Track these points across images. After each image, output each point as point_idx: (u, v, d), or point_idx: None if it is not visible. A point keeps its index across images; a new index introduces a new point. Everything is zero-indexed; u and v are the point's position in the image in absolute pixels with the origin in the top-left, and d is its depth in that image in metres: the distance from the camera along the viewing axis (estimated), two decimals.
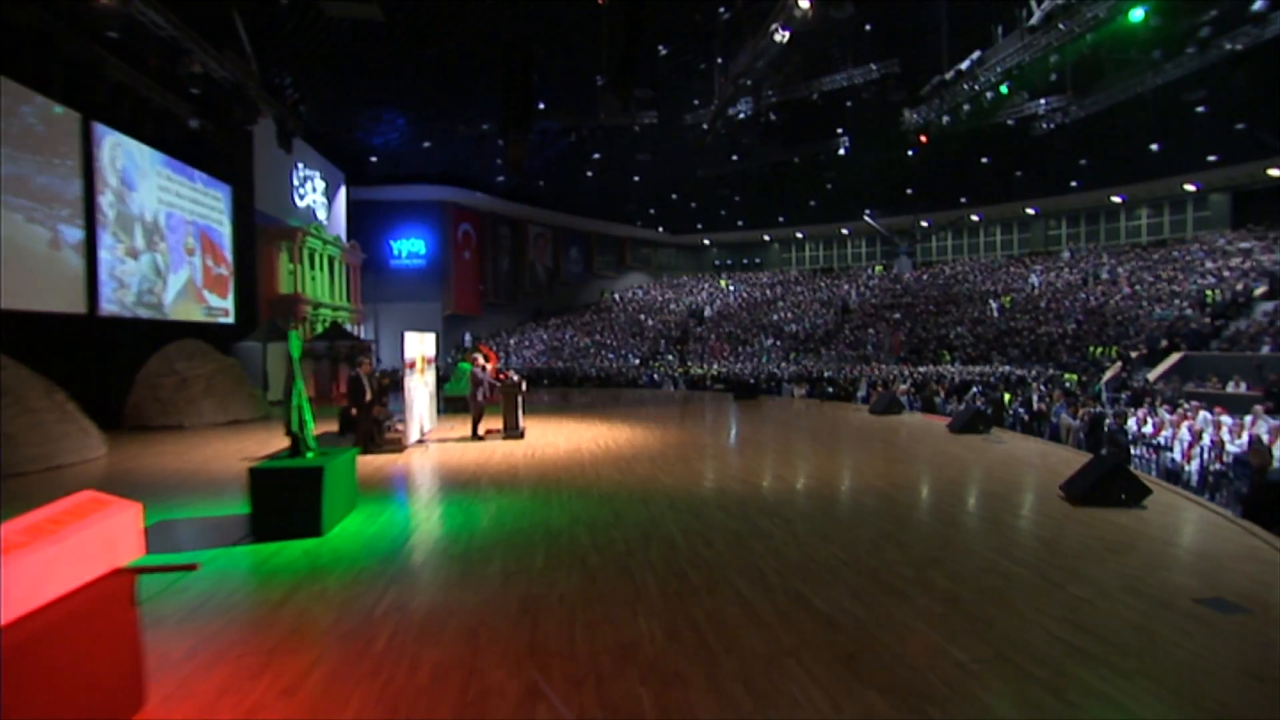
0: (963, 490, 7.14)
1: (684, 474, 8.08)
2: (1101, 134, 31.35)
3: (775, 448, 10.24)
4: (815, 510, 6.31)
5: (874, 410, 14.01)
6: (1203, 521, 5.83)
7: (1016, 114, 25.94)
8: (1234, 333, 22.16)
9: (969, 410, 11.37)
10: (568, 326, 44.14)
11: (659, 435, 11.54)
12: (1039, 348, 26.21)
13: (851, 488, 7.19)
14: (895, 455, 9.45)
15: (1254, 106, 27.84)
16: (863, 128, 30.31)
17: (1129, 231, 38.31)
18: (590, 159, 36.71)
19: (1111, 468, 6.18)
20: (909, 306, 36.30)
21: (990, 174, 37.23)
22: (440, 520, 6.23)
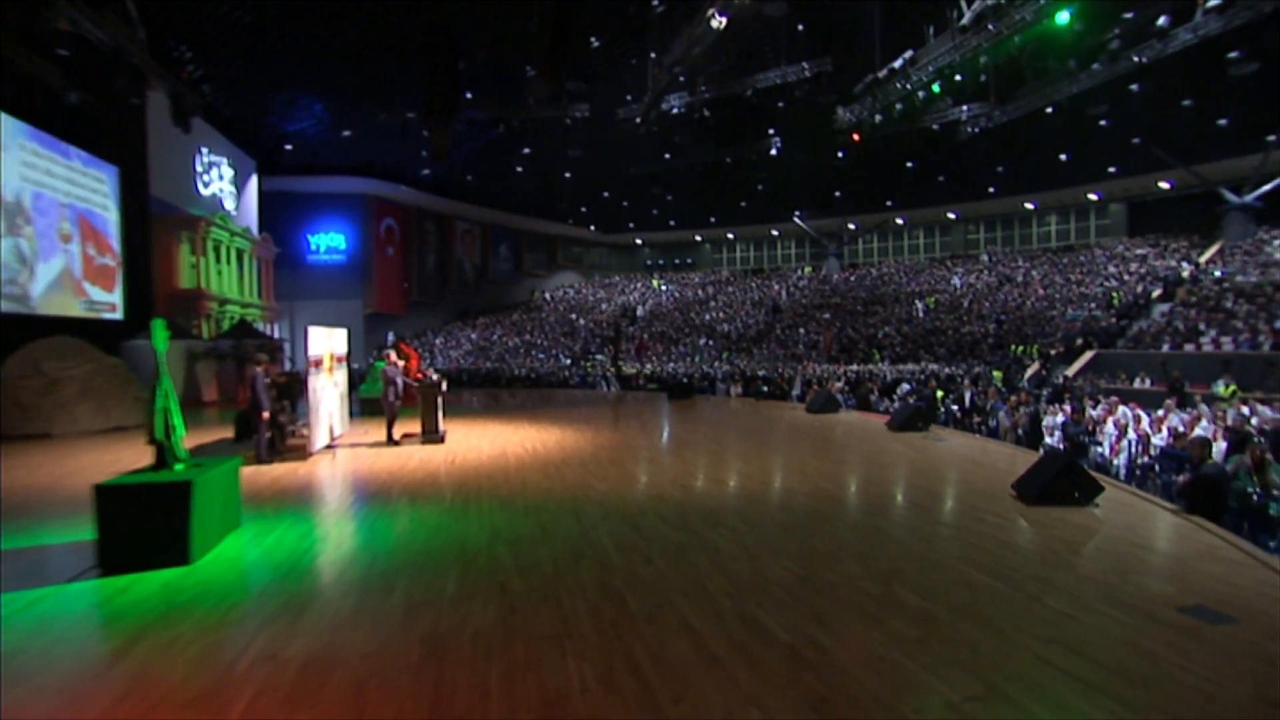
0: (914, 491, 6.79)
1: (618, 479, 7.45)
2: (1017, 143, 32.69)
3: (714, 449, 9.75)
4: (763, 517, 5.79)
5: (811, 408, 13.77)
6: (1154, 518, 5.64)
7: (941, 119, 26.60)
8: (1137, 332, 23.31)
9: (908, 408, 11.22)
10: (496, 326, 42.85)
11: (591, 437, 10.88)
12: (963, 346, 26.93)
13: (798, 491, 6.72)
14: (839, 455, 9.11)
15: (1149, 122, 29.60)
16: (794, 128, 30.51)
17: (1040, 237, 40.18)
18: (521, 153, 35.70)
19: (1064, 465, 5.94)
20: (838, 306, 36.90)
21: (915, 178, 38.29)
22: (339, 539, 5.38)
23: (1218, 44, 23.83)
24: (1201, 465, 5.79)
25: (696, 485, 7.11)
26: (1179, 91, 27.78)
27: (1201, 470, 5.75)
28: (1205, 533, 5.17)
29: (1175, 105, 28.54)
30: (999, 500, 6.21)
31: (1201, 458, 5.79)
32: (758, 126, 31.24)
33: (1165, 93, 27.92)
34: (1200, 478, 5.71)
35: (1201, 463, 5.78)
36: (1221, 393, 15.40)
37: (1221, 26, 14.97)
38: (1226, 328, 20.33)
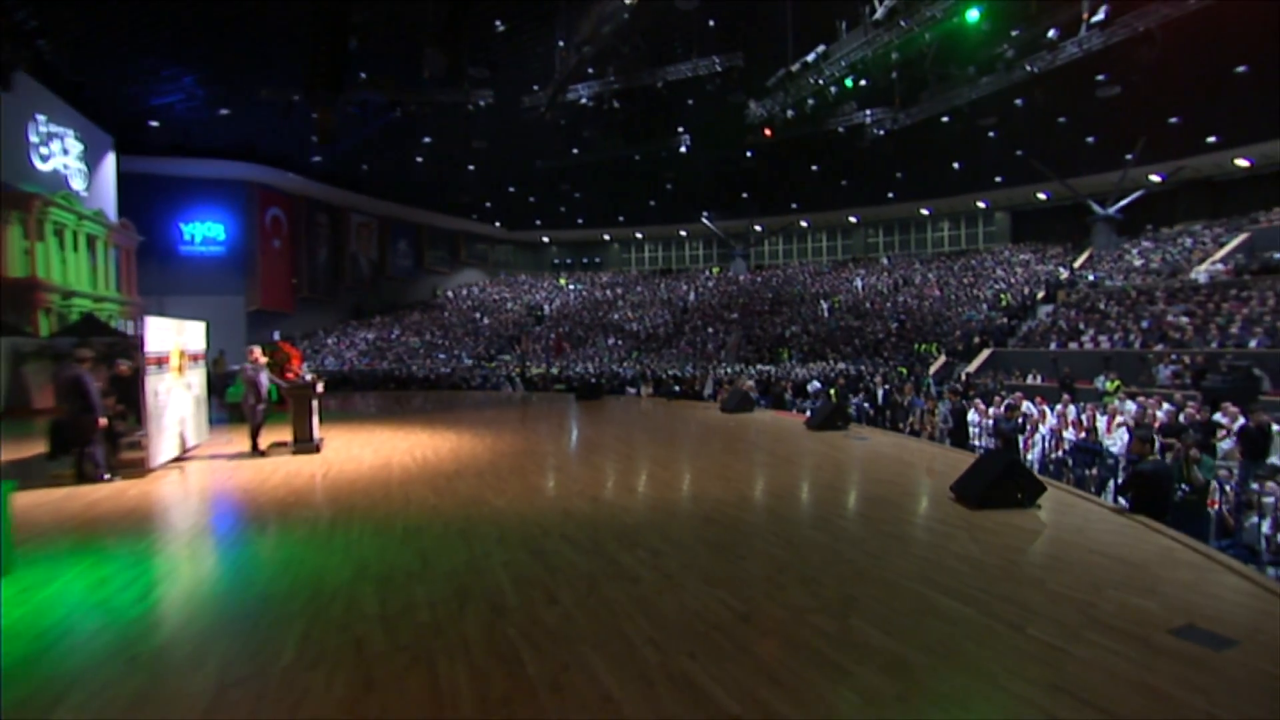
0: (848, 497, 6.22)
1: (519, 492, 6.49)
2: (915, 151, 34.02)
3: (627, 453, 8.94)
4: (687, 534, 5.00)
5: (725, 408, 13.25)
6: (1099, 519, 5.28)
7: (847, 122, 27.09)
8: (1027, 331, 24.49)
9: (827, 406, 10.85)
10: (395, 325, 40.48)
11: (491, 444, 9.81)
12: (868, 345, 27.51)
13: (724, 500, 6.00)
14: (762, 457, 8.51)
15: (1030, 136, 31.49)
16: (704, 126, 30.32)
17: (934, 241, 42.13)
18: (421, 142, 33.77)
19: (1006, 466, 5.51)
20: (745, 307, 37.15)
21: (819, 182, 39.18)
22: (146, 588, 4.13)
23: (1088, 67, 25.61)
24: (1141, 461, 5.50)
25: (609, 497, 6.25)
26: (1055, 109, 29.65)
27: (1140, 467, 5.46)
28: (1156, 534, 4.83)
29: (1052, 122, 30.44)
30: (940, 505, 5.72)
31: (1143, 454, 5.52)
32: (667, 123, 30.87)
33: (1044, 109, 29.74)
34: (1140, 474, 5.41)
35: (1142, 458, 5.50)
36: (1107, 388, 16.13)
37: (1103, 42, 15.71)
38: (1103, 327, 21.56)
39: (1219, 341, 17.79)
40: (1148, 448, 5.47)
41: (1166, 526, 4.98)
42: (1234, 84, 26.05)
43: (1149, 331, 19.82)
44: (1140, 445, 5.55)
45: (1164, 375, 16.66)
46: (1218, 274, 23.67)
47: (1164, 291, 23.13)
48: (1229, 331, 18.12)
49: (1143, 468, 5.41)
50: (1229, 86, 26.17)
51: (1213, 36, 23.04)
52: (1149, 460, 5.46)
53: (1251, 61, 25.11)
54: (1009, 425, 8.61)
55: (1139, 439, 5.60)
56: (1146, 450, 5.48)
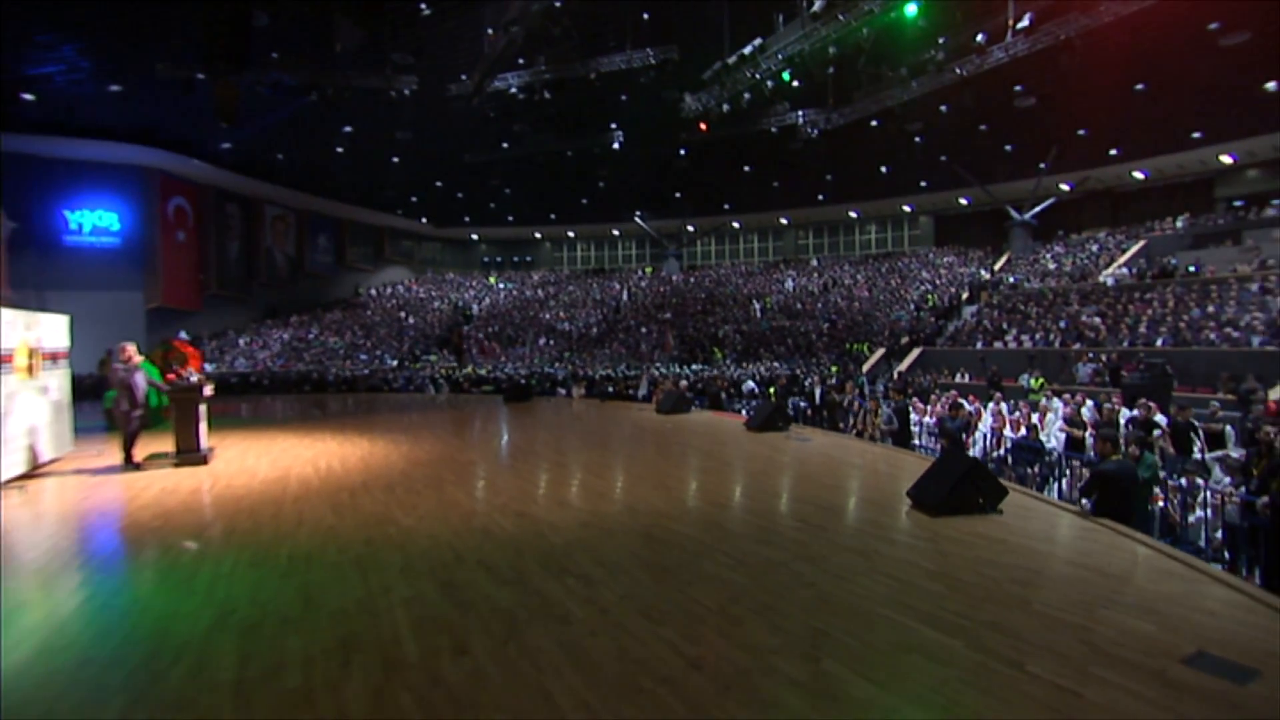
0: (800, 505, 5.71)
1: (433, 509, 5.70)
2: (844, 154, 34.54)
3: (557, 460, 8.24)
4: (624, 556, 4.36)
5: (661, 409, 12.72)
6: (1065, 525, 4.97)
7: (780, 122, 27.13)
8: (954, 331, 25.10)
9: (767, 406, 10.44)
10: (314, 324, 38.23)
11: (406, 451, 8.91)
12: (801, 345, 27.65)
13: (664, 512, 5.40)
14: (702, 463, 7.97)
15: (953, 143, 32.48)
16: (637, 121, 29.82)
17: (862, 244, 43.04)
18: (341, 132, 31.88)
19: (967, 469, 5.13)
20: (679, 307, 36.94)
21: (751, 183, 39.35)
22: None
23: (1008, 77, 26.50)
24: (1104, 461, 5.23)
25: (536, 512, 5.54)
26: (977, 117, 30.66)
27: (1102, 467, 5.18)
28: (1126, 539, 4.53)
29: (974, 129, 31.45)
30: (898, 512, 5.30)
31: (1105, 454, 5.24)
32: (600, 118, 30.24)
33: (966, 117, 30.71)
34: (1103, 476, 5.13)
35: (1105, 459, 5.23)
36: (1032, 385, 16.48)
37: (1028, 48, 16.07)
38: (1024, 327, 22.27)
39: (1129, 341, 18.55)
40: (1110, 447, 5.21)
41: (1133, 530, 4.69)
42: (1133, 101, 27.52)
43: (1067, 331, 20.53)
44: (1104, 445, 5.29)
45: (1083, 373, 17.19)
46: (1123, 277, 24.87)
47: (1077, 293, 24.11)
48: (1138, 331, 18.93)
49: (1105, 468, 5.13)
50: (1129, 103, 27.63)
51: (1116, 55, 24.23)
52: (1112, 460, 5.19)
53: (1150, 80, 26.59)
54: (955, 424, 8.38)
55: (1103, 438, 5.34)
56: (1109, 450, 5.21)
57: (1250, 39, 23.27)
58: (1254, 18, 22.49)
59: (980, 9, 15.92)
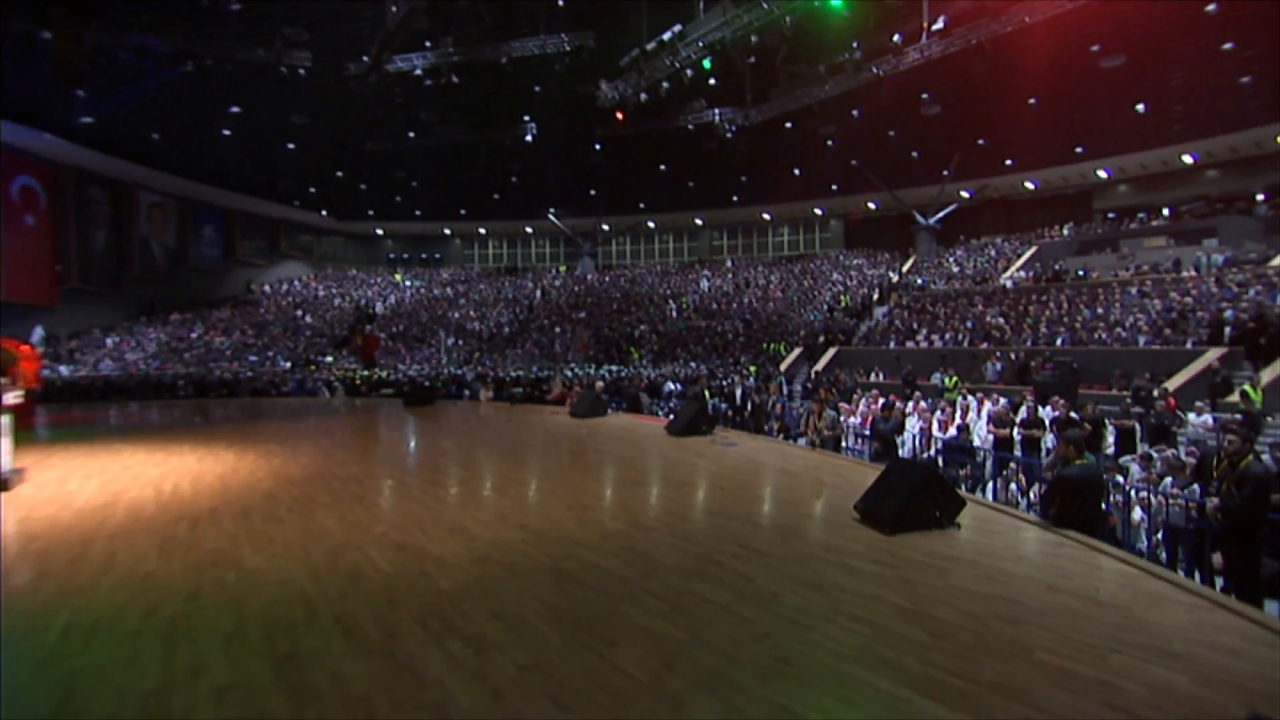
0: (736, 525, 4.94)
1: (293, 541, 4.61)
2: (758, 156, 34.76)
3: (454, 473, 7.22)
4: (531, 606, 3.43)
5: (576, 413, 11.84)
6: (1032, 540, 4.48)
7: (697, 119, 26.79)
8: (867, 331, 25.48)
9: (690, 408, 9.76)
10: (197, 323, 34.90)
11: (278, 465, 7.63)
12: (717, 345, 27.40)
13: (580, 540, 4.54)
14: (621, 474, 7.16)
15: (863, 148, 33.28)
16: (551, 114, 28.79)
17: (775, 246, 43.60)
18: (227, 112, 29.11)
19: (923, 480, 4.56)
20: (594, 306, 36.15)
21: (666, 182, 39.05)
22: None
23: (916, 84, 27.26)
24: (1068, 465, 4.77)
25: (422, 543, 4.55)
26: (886, 123, 31.48)
27: (1066, 472, 4.72)
28: (1100, 554, 4.06)
29: (883, 135, 32.31)
30: (848, 530, 4.66)
31: (1068, 457, 4.79)
32: (512, 109, 29.02)
33: (876, 122, 31.48)
34: (1067, 481, 4.67)
35: (1068, 462, 4.77)
36: (946, 384, 16.66)
37: (941, 51, 16.27)
38: (934, 327, 22.79)
39: (1032, 340, 19.18)
40: (1073, 450, 4.77)
41: (1102, 542, 4.23)
42: (1026, 115, 28.96)
43: (974, 331, 21.10)
44: (1067, 448, 4.84)
45: (991, 372, 17.57)
46: (1020, 280, 25.99)
47: (980, 295, 24.96)
48: (1039, 330, 19.62)
49: (1070, 473, 4.67)
50: (1022, 116, 29.07)
51: (1012, 70, 25.35)
52: (1076, 465, 4.74)
53: (1041, 95, 28.03)
54: (888, 426, 7.96)
55: (1065, 440, 4.89)
56: (1072, 454, 4.77)
57: (1125, 63, 24.86)
58: (1130, 43, 24.03)
59: (897, 10, 16.00)
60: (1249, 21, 22.43)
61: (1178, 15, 22.38)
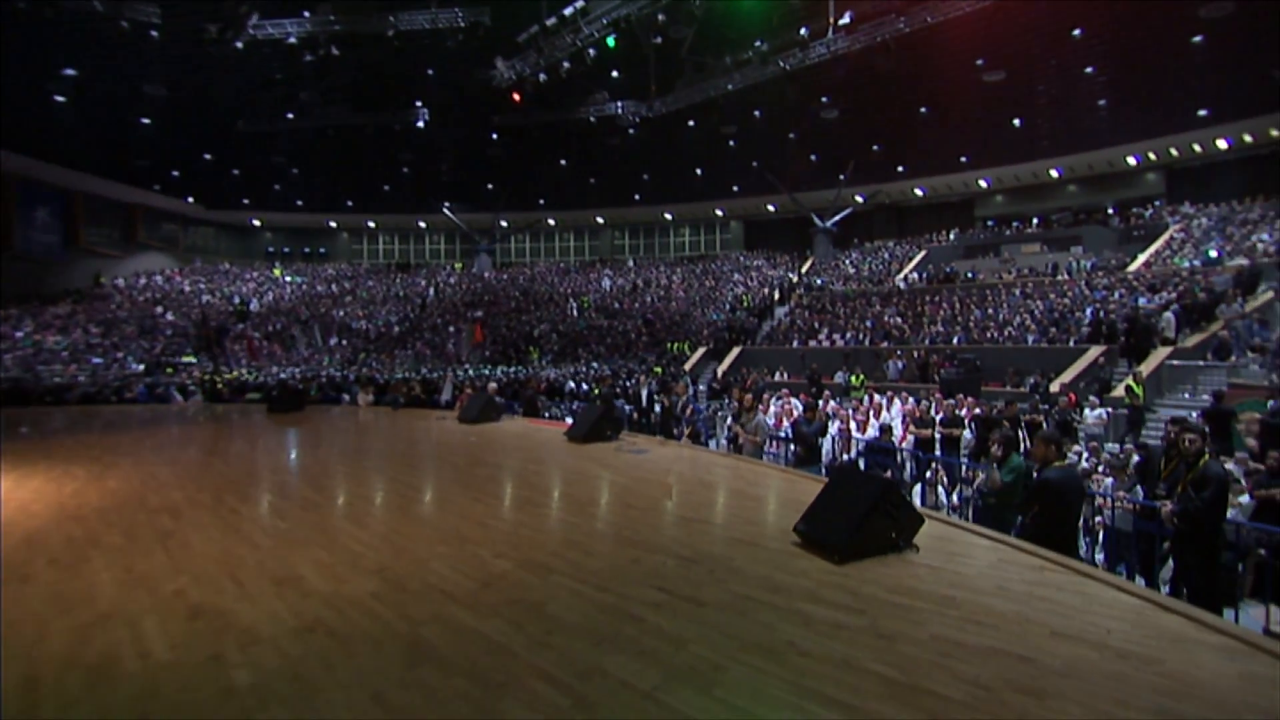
0: (655, 558, 3.94)
1: (36, 610, 3.26)
2: (661, 154, 34.36)
3: (303, 497, 5.88)
4: (363, 708, 2.37)
5: (465, 418, 10.58)
6: (1003, 562, 3.79)
7: (599, 112, 25.91)
8: (770, 330, 25.43)
9: (593, 412, 8.77)
10: (25, 320, 30.39)
11: (73, 492, 5.98)
12: (619, 345, 26.61)
13: (451, 588, 3.45)
14: (514, 491, 6.07)
15: (764, 150, 33.56)
16: (444, 99, 27.01)
17: (676, 246, 43.42)
18: (60, 74, 25.38)
19: (877, 496, 3.79)
20: (491, 305, 34.56)
21: (567, 177, 37.97)
22: None
23: (816, 88, 27.60)
24: (1045, 469, 4.15)
25: (229, 602, 3.32)
26: (786, 125, 31.83)
27: (1046, 475, 4.09)
28: (1091, 580, 3.42)
29: (783, 137, 32.66)
30: (790, 558, 3.83)
31: (1046, 458, 4.17)
32: (402, 91, 27.03)
33: (777, 124, 31.76)
34: (1047, 487, 4.04)
35: (1045, 464, 4.15)
36: (853, 382, 16.56)
37: (847, 46, 16.17)
38: (835, 326, 22.97)
39: (930, 339, 19.57)
40: (1053, 450, 4.15)
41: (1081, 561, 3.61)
42: (917, 123, 30.05)
43: (874, 330, 21.36)
44: (1044, 448, 4.21)
45: (893, 370, 17.69)
46: (914, 282, 26.79)
47: (878, 296, 25.48)
48: (936, 329, 20.06)
49: (1050, 477, 4.05)
50: (914, 125, 30.15)
51: (906, 78, 26.14)
52: (1054, 468, 4.12)
53: (932, 104, 29.15)
54: (811, 428, 7.30)
55: (1042, 440, 4.27)
56: (1051, 454, 4.15)
57: (1005, 78, 26.17)
58: (1009, 59, 25.30)
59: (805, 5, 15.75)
60: (1108, 49, 24.14)
61: (1049, 37, 23.71)
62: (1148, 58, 24.12)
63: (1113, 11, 22.29)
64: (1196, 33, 22.67)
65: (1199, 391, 13.29)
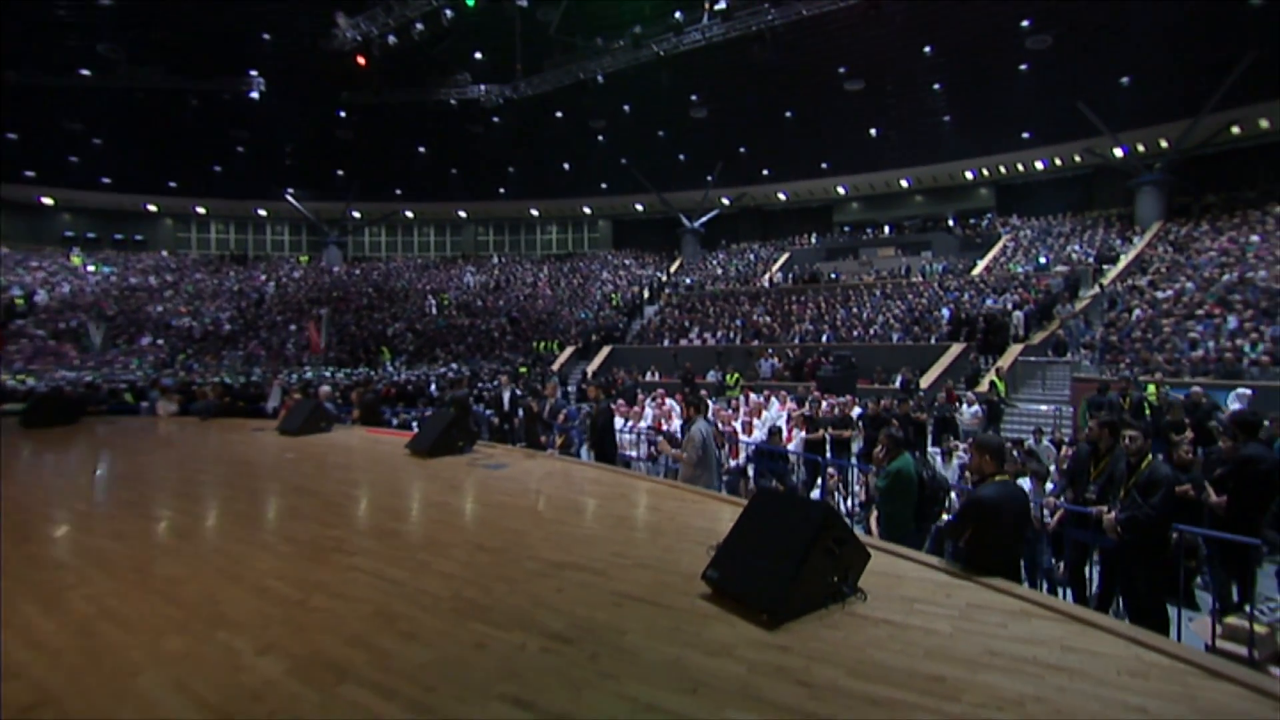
0: (509, 638, 2.66)
1: None
2: (527, 146, 32.84)
3: (31, 554, 4.07)
4: None
5: (286, 429, 8.70)
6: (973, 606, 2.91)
7: (460, 94, 24.05)
8: (640, 329, 24.70)
9: (440, 419, 7.26)
10: None
11: None
12: (482, 344, 24.83)
13: (230, 694, 2.08)
14: (326, 529, 4.47)
15: (633, 146, 33.00)
16: (283, 69, 23.94)
17: (543, 244, 41.94)
18: None
19: (816, 530, 2.77)
20: (341, 301, 31.39)
21: (427, 166, 35.46)
22: None
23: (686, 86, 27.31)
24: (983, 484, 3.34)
25: None
26: (656, 122, 31.40)
27: (980, 494, 3.27)
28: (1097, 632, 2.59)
29: (653, 135, 32.23)
30: (705, 622, 2.73)
31: (983, 471, 3.35)
32: (233, 57, 23.66)
33: (646, 122, 31.25)
34: (979, 506, 3.22)
35: (984, 479, 3.34)
36: (728, 381, 16.04)
37: (723, 34, 15.67)
38: (706, 324, 22.61)
39: (799, 337, 19.58)
40: (989, 461, 3.35)
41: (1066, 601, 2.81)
42: (783, 127, 30.69)
43: (744, 328, 21.16)
44: (979, 457, 3.40)
45: (766, 368, 17.41)
46: (780, 282, 27.16)
47: (746, 295, 25.51)
48: (805, 328, 20.15)
49: (985, 495, 3.22)
50: (779, 129, 30.76)
51: (775, 78, 26.47)
52: (992, 484, 3.32)
53: (797, 109, 29.84)
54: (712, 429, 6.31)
55: (978, 448, 3.45)
56: (988, 466, 3.35)
57: (864, 88, 27.22)
58: (868, 69, 26.31)
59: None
60: (954, 67, 25.71)
61: (902, 51, 24.83)
62: (984, 80, 25.92)
63: (958, 33, 23.67)
64: (1023, 61, 24.63)
65: (1047, 386, 13.89)
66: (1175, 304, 15.74)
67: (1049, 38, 22.70)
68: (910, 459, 5.31)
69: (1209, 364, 12.21)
